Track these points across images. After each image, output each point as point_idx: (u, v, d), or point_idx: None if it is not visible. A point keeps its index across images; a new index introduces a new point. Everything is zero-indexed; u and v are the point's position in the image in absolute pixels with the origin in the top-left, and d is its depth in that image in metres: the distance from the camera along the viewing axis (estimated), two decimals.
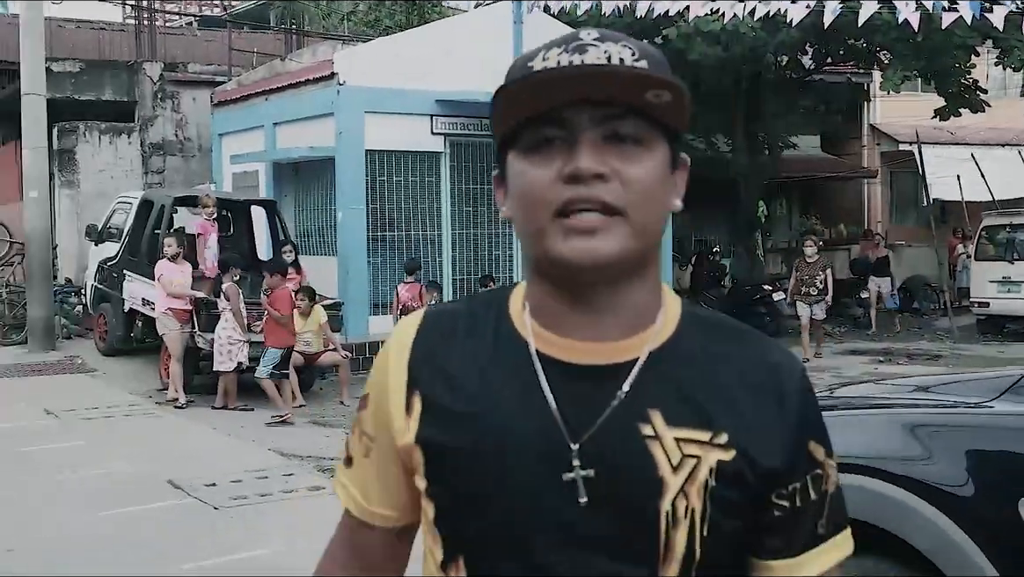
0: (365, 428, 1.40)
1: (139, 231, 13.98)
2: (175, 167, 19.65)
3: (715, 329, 1.35)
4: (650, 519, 1.24)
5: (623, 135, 1.22)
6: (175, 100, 19.65)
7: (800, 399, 1.31)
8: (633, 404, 1.26)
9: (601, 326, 1.28)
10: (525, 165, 1.25)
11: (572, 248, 1.21)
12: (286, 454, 9.17)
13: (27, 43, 15.11)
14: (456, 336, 1.35)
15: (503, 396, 1.28)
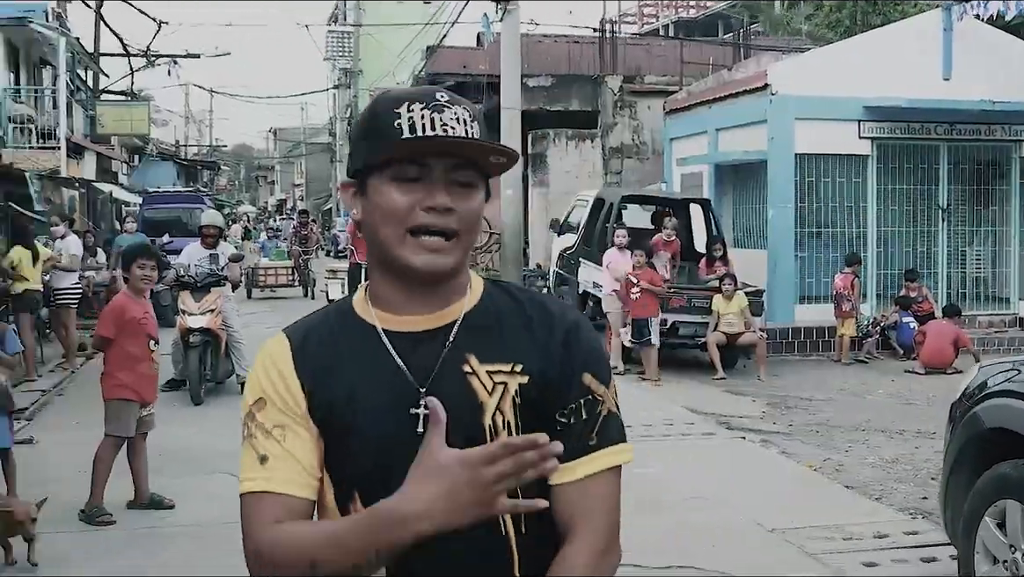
0: (276, 423, 1.73)
1: (592, 224, 16.27)
2: (631, 168, 22.00)
3: (510, 293, 1.84)
4: (477, 432, 1.68)
5: (463, 181, 1.70)
6: (632, 109, 22.01)
7: (575, 341, 1.77)
8: (456, 352, 1.72)
9: (429, 304, 1.75)
10: (391, 190, 1.68)
11: (422, 260, 1.69)
12: (694, 410, 10.92)
13: (506, 64, 17.93)
14: (317, 334, 1.80)
15: (363, 368, 1.73)
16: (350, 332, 1.78)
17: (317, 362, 1.75)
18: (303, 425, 1.73)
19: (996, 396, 4.95)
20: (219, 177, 60.51)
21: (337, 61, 56.37)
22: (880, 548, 6.36)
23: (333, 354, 1.76)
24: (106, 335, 7.21)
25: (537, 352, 1.74)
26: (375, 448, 1.70)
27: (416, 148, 1.67)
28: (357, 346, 1.75)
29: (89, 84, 31.69)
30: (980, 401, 5.03)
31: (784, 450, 9.16)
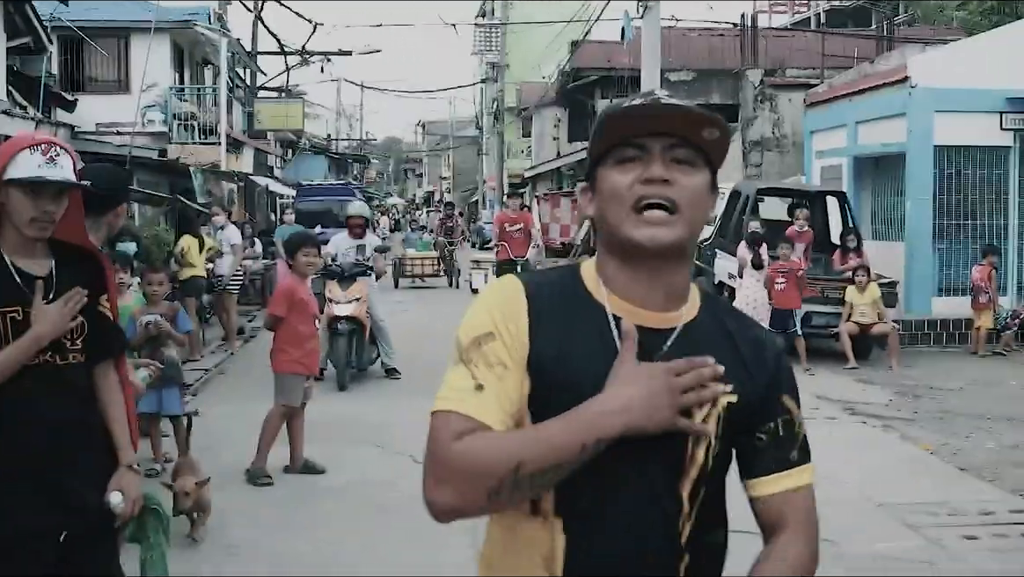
0: (499, 357, 1.77)
1: (728, 216, 16.56)
2: (771, 161, 22.15)
3: (721, 310, 1.91)
4: (681, 438, 1.75)
5: (681, 158, 1.76)
6: (773, 102, 22.14)
7: (776, 366, 1.86)
8: (670, 358, 1.75)
9: (654, 298, 1.80)
10: (613, 173, 1.78)
11: (643, 234, 1.74)
12: (821, 396, 11.21)
13: (646, 60, 18.30)
14: (548, 295, 1.83)
15: (585, 344, 1.78)
16: (580, 303, 1.83)
17: (547, 318, 1.80)
18: (519, 370, 1.77)
19: None
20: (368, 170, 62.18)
21: (484, 56, 57.25)
22: (983, 524, 6.64)
23: (562, 317, 1.81)
24: (279, 314, 7.95)
25: (746, 374, 1.82)
26: None
27: (627, 123, 1.77)
28: (583, 320, 1.81)
29: (247, 81, 33.20)
30: None
31: (904, 434, 9.41)
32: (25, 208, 3.14)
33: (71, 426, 3.24)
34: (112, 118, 22.48)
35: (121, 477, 3.34)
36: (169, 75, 24.85)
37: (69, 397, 3.25)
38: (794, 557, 1.81)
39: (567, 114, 34.95)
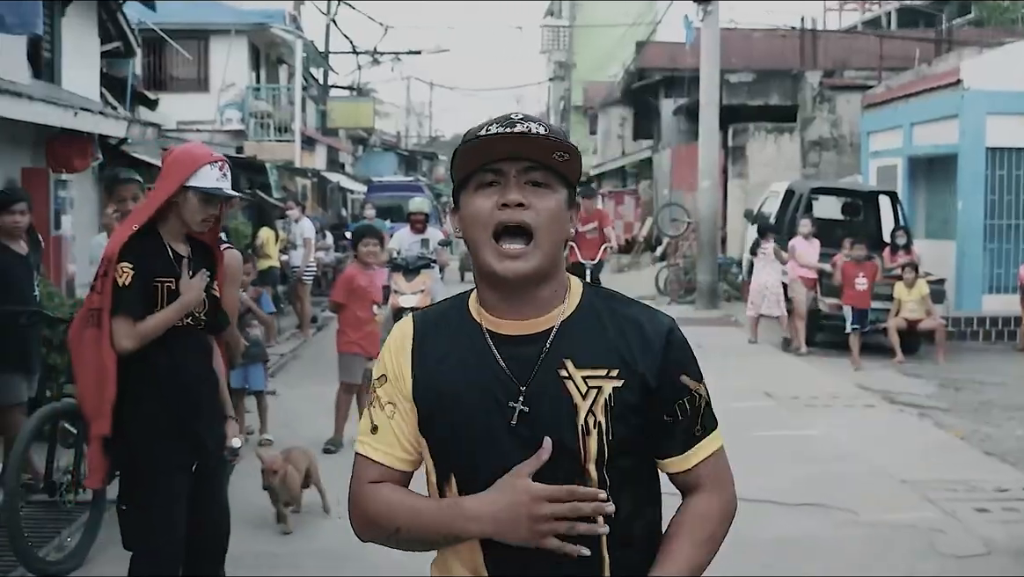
0: (390, 399, 1.97)
1: (783, 214, 17.06)
2: (828, 161, 22.54)
3: (606, 299, 1.99)
4: (571, 433, 1.86)
5: (536, 181, 1.87)
6: (831, 103, 22.54)
7: (668, 345, 1.93)
8: (552, 357, 1.89)
9: (525, 310, 1.91)
10: (475, 198, 1.89)
11: (503, 268, 1.86)
12: (864, 387, 11.73)
13: (705, 62, 18.90)
14: (438, 325, 2.00)
15: (468, 362, 1.91)
16: (463, 328, 1.97)
17: (431, 352, 1.97)
18: (409, 405, 1.96)
19: None
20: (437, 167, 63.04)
21: (552, 54, 57.83)
22: (996, 499, 7.19)
23: (446, 346, 1.97)
24: (339, 300, 8.73)
25: (633, 358, 1.91)
26: (472, 438, 1.90)
27: (483, 149, 1.87)
28: (466, 343, 1.95)
29: (319, 80, 34.19)
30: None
31: (938, 422, 9.92)
32: (199, 210, 4.06)
33: (201, 381, 4.14)
34: (191, 116, 23.47)
35: (233, 427, 4.28)
36: (246, 75, 25.82)
37: (200, 357, 4.16)
38: (704, 508, 1.97)
39: (632, 113, 35.42)
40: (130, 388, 4.03)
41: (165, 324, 4.00)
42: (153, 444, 4.02)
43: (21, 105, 9.78)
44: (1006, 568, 5.92)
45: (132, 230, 4.05)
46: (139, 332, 3.98)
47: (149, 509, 4.03)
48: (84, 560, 5.81)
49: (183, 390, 4.05)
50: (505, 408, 1.88)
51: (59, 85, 12.72)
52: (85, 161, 12.07)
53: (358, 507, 1.99)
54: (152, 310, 4.00)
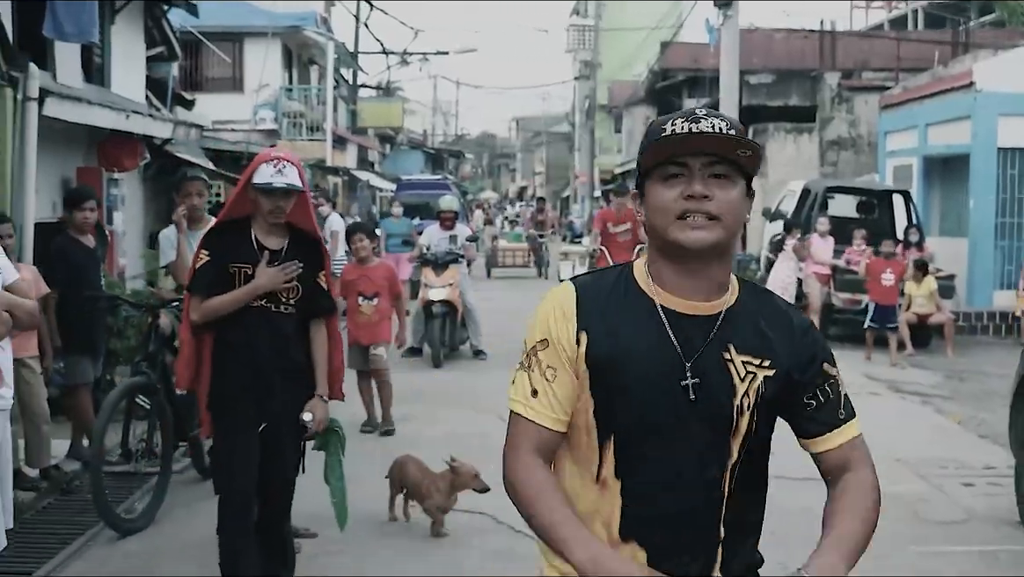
0: (550, 363, 2.11)
1: (799, 213, 17.64)
2: (846, 160, 23.09)
3: (757, 295, 2.19)
4: (727, 408, 2.07)
5: (719, 173, 2.03)
6: (849, 103, 23.09)
7: (811, 338, 2.15)
8: (718, 340, 2.07)
9: (698, 290, 2.08)
10: (660, 188, 2.05)
11: (687, 237, 2.02)
12: (872, 377, 12.35)
13: (725, 64, 19.45)
14: (601, 292, 2.13)
15: (639, 333, 2.07)
16: (631, 298, 2.11)
17: (598, 316, 2.10)
18: (571, 369, 2.10)
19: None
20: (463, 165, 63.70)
21: (577, 53, 58.33)
22: (983, 475, 7.80)
23: (615, 312, 2.10)
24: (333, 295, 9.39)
25: (782, 350, 2.11)
26: (643, 405, 2.06)
27: (670, 145, 2.03)
28: (636, 313, 2.09)
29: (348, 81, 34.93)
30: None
31: (939, 408, 10.52)
32: (263, 204, 4.68)
33: (273, 359, 4.74)
34: (226, 116, 24.19)
35: (314, 403, 4.84)
36: (279, 76, 26.57)
37: (275, 338, 4.75)
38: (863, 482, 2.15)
39: (656, 112, 36.00)
40: (213, 359, 4.76)
41: (232, 303, 4.65)
42: (223, 407, 4.76)
43: (80, 109, 10.51)
44: (983, 534, 6.52)
45: (215, 223, 4.88)
46: (204, 307, 4.70)
47: (217, 460, 4.89)
48: (153, 520, 6.50)
49: (253, 365, 4.69)
50: (672, 379, 2.06)
51: (109, 88, 13.45)
52: (134, 161, 12.79)
53: (511, 472, 2.14)
54: (226, 291, 4.68)
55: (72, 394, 7.60)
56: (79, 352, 7.44)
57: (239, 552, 4.76)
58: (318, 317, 4.91)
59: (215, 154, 17.97)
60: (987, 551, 6.18)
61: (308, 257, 4.82)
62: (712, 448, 2.08)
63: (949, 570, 5.81)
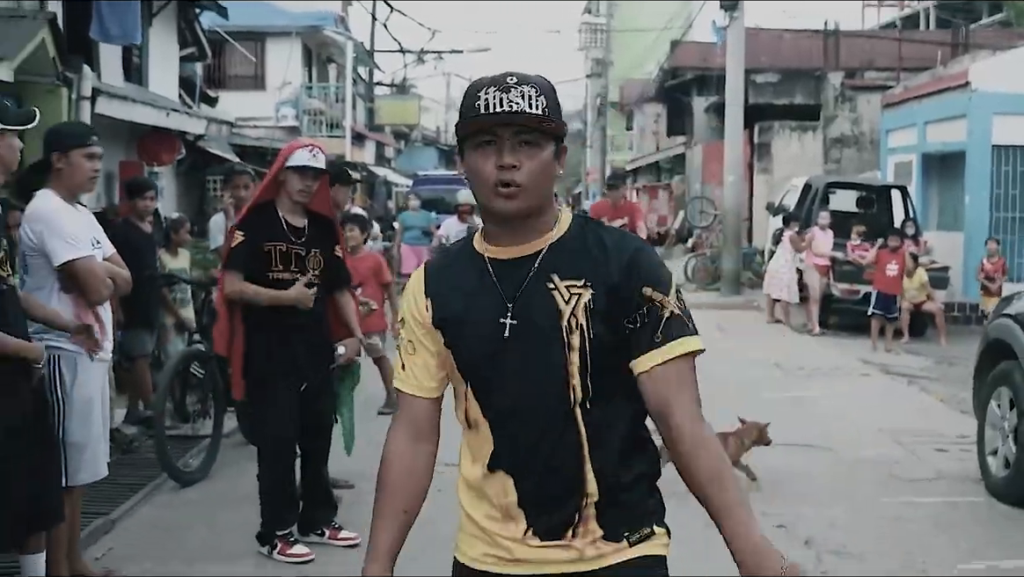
0: (409, 337, 2.35)
1: (800, 207, 18.37)
2: (849, 157, 23.83)
3: (592, 227, 2.31)
4: (556, 330, 2.20)
5: (527, 140, 2.16)
6: (852, 102, 23.83)
7: (636, 262, 2.22)
8: (541, 273, 2.23)
9: (519, 238, 2.25)
10: (476, 156, 2.19)
11: (500, 206, 2.19)
12: (865, 361, 13.09)
13: (731, 64, 20.24)
14: (446, 264, 2.38)
15: (472, 284, 2.28)
16: (468, 260, 2.32)
17: (441, 284, 2.33)
18: (429, 336, 2.33)
19: (999, 317, 7.19)
20: None
21: (589, 52, 58.94)
22: (955, 443, 8.53)
23: (453, 276, 2.32)
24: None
25: (604, 272, 2.21)
26: (475, 347, 2.26)
27: (481, 120, 2.16)
28: (470, 270, 2.29)
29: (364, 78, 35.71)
30: (992, 320, 7.28)
31: (924, 388, 11.27)
32: (296, 183, 5.48)
33: (304, 325, 5.55)
34: (248, 113, 25.02)
35: (349, 341, 5.75)
36: (300, 74, 27.38)
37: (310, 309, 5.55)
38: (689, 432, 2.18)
39: (666, 110, 36.67)
40: (251, 327, 5.54)
41: (264, 299, 5.45)
42: (263, 369, 5.54)
43: (126, 107, 11.34)
44: (949, 488, 7.28)
45: (248, 208, 5.64)
46: (240, 288, 5.48)
47: (261, 415, 5.65)
48: (207, 474, 7.29)
49: (289, 330, 5.49)
50: (496, 319, 2.22)
51: (147, 87, 14.28)
52: (171, 155, 13.63)
53: (385, 442, 2.42)
54: (262, 266, 5.46)
55: (131, 365, 8.39)
56: (139, 327, 8.22)
57: (279, 497, 5.58)
58: (341, 287, 5.82)
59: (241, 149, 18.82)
60: (950, 501, 6.95)
61: (325, 234, 5.67)
62: (549, 373, 2.20)
63: (915, 516, 6.57)
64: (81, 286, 4.62)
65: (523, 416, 2.22)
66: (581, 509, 2.22)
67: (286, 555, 5.57)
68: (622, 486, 2.24)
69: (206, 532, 6.13)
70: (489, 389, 2.26)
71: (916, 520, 6.51)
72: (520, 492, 2.24)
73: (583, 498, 2.22)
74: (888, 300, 14.90)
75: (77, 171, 4.73)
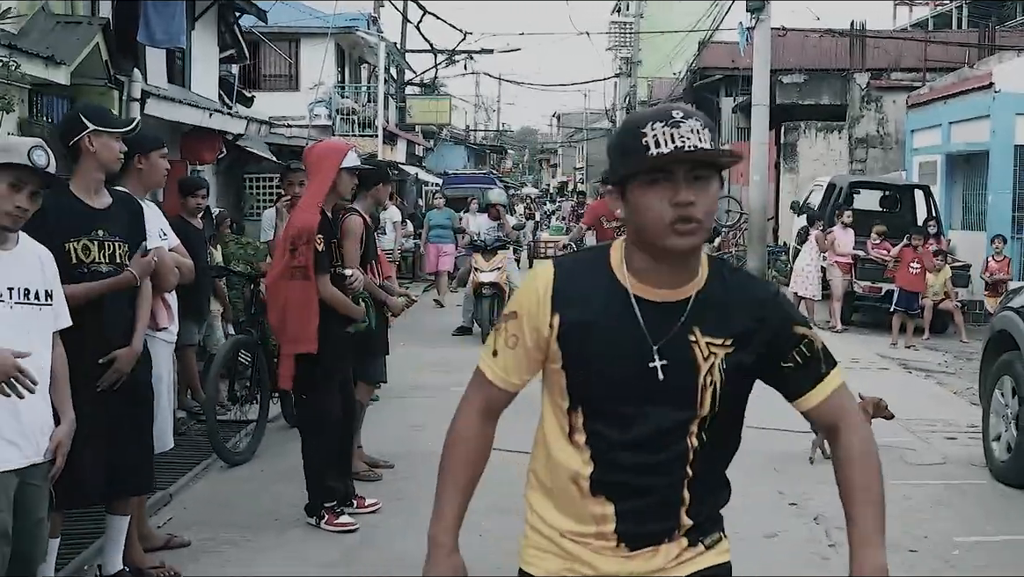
0: (514, 332, 2.32)
1: (825, 206, 18.71)
2: (875, 157, 24.13)
3: (727, 273, 2.31)
4: (692, 386, 2.22)
5: (700, 175, 2.15)
6: (878, 103, 24.12)
7: (777, 306, 2.29)
8: (686, 324, 2.22)
9: (670, 280, 2.23)
10: (646, 192, 2.15)
11: (680, 244, 2.15)
12: (883, 355, 13.48)
13: (757, 65, 20.56)
14: (578, 279, 2.30)
15: (610, 319, 2.23)
16: (606, 285, 2.25)
17: (573, 301, 2.26)
18: (539, 346, 2.30)
19: (1004, 310, 7.57)
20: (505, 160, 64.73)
21: (618, 51, 59.22)
22: (966, 432, 8.91)
23: (590, 298, 2.25)
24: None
25: (745, 324, 2.24)
26: (613, 383, 2.22)
27: (660, 161, 2.12)
28: (609, 299, 2.24)
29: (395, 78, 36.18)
30: (998, 313, 7.67)
31: (940, 382, 11.62)
32: (350, 183, 6.08)
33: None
34: (282, 112, 25.49)
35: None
36: (333, 74, 27.88)
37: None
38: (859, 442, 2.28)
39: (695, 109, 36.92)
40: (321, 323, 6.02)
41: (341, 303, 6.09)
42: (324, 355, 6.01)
43: (173, 108, 11.85)
44: (955, 472, 7.69)
45: (318, 210, 5.99)
46: (332, 291, 5.99)
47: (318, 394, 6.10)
48: (253, 455, 7.77)
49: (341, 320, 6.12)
50: (640, 362, 2.21)
51: (189, 88, 14.80)
52: (213, 154, 14.13)
53: (455, 418, 2.45)
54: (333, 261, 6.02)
55: (180, 354, 8.87)
56: (188, 317, 8.68)
57: (326, 472, 6.12)
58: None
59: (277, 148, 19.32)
60: (954, 484, 7.36)
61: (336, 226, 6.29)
62: (675, 422, 2.24)
63: (919, 496, 6.98)
64: (152, 275, 5.09)
65: (639, 457, 2.25)
66: (671, 534, 2.31)
67: (333, 525, 6.06)
68: (709, 517, 2.36)
69: (257, 505, 6.62)
70: (606, 424, 2.26)
71: (920, 499, 6.93)
72: (619, 519, 2.28)
73: (677, 531, 2.31)
74: (911, 297, 15.24)
75: (155, 170, 5.26)
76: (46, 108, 9.97)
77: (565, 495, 2.31)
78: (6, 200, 3.68)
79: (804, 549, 5.95)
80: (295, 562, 5.64)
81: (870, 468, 2.26)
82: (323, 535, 6.02)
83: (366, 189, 6.67)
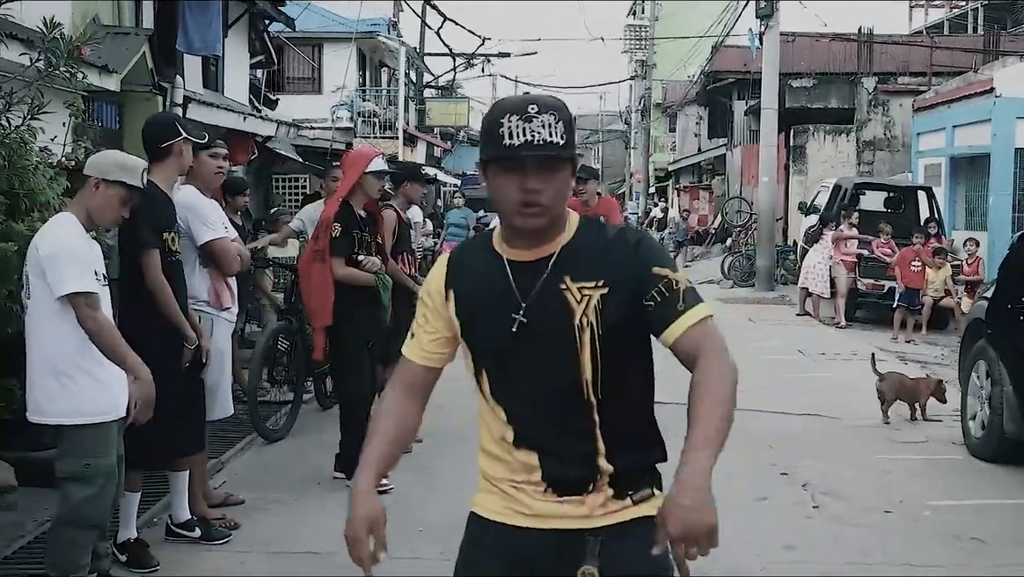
0: (423, 312, 2.59)
1: (830, 207, 19.36)
2: (882, 159, 24.76)
3: (597, 229, 2.51)
4: (568, 328, 2.40)
5: (547, 167, 2.36)
6: (885, 106, 24.75)
7: (639, 249, 2.43)
8: (555, 275, 2.42)
9: (536, 242, 2.45)
10: (500, 177, 2.38)
11: (524, 224, 2.39)
12: (882, 348, 14.05)
13: (766, 70, 21.26)
14: (467, 257, 2.59)
15: (490, 283, 2.47)
16: (488, 258, 2.52)
17: (462, 278, 2.54)
18: (444, 321, 2.56)
19: (979, 300, 8.27)
20: None
21: (633, 54, 59.78)
22: (951, 415, 9.55)
23: (473, 272, 2.53)
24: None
25: (614, 267, 2.41)
26: (489, 338, 2.49)
27: (511, 152, 2.35)
28: (490, 269, 2.50)
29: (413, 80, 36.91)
30: (975, 303, 8.37)
31: (933, 373, 12.25)
32: (375, 184, 6.83)
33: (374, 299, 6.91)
34: (305, 115, 26.25)
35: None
36: (354, 78, 28.65)
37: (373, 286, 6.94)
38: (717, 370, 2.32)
39: (707, 113, 37.61)
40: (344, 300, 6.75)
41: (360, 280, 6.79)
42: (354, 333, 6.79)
43: (212, 112, 12.60)
44: (934, 449, 8.37)
45: (338, 204, 6.83)
46: (345, 271, 6.68)
47: (348, 368, 6.91)
48: (290, 432, 8.50)
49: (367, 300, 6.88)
50: (510, 317, 2.42)
51: (222, 93, 15.57)
52: (246, 156, 14.88)
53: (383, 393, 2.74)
54: (353, 248, 6.75)
55: None
56: None
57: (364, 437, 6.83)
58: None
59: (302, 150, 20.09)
60: (932, 459, 8.05)
61: (373, 222, 7.03)
62: (562, 369, 2.41)
63: (898, 468, 7.67)
64: (217, 262, 5.82)
65: (539, 407, 2.44)
66: (596, 481, 2.45)
67: None
68: (634, 470, 2.48)
69: (300, 470, 7.36)
70: (502, 381, 2.49)
71: (898, 471, 7.62)
72: (543, 468, 2.46)
73: (599, 477, 2.45)
74: (912, 294, 15.90)
75: (205, 168, 5.95)
76: (96, 113, 10.73)
77: (500, 450, 2.52)
78: (116, 211, 4.61)
79: (790, 510, 6.64)
80: (340, 518, 6.33)
81: (718, 390, 2.28)
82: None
83: (397, 187, 7.45)
